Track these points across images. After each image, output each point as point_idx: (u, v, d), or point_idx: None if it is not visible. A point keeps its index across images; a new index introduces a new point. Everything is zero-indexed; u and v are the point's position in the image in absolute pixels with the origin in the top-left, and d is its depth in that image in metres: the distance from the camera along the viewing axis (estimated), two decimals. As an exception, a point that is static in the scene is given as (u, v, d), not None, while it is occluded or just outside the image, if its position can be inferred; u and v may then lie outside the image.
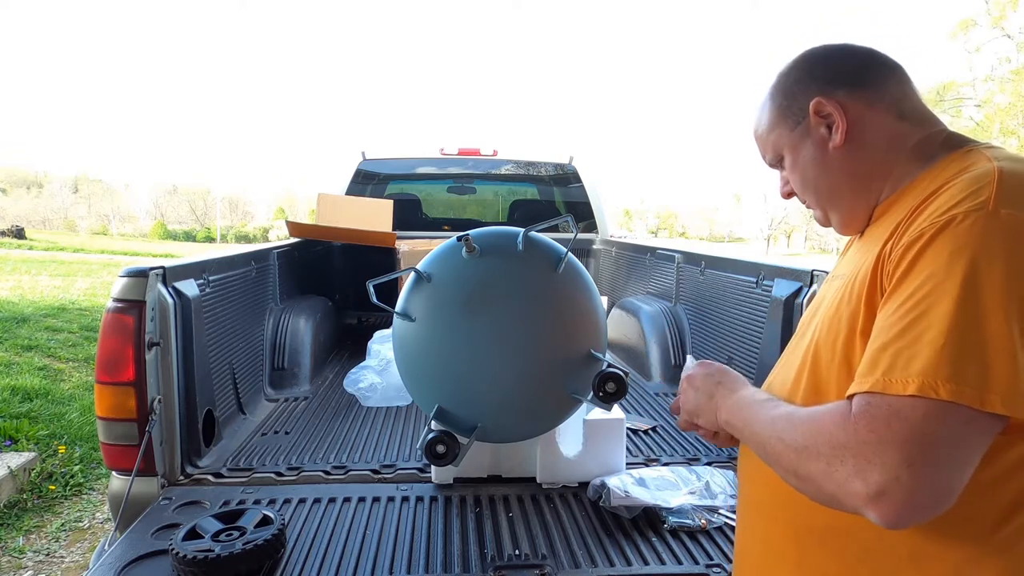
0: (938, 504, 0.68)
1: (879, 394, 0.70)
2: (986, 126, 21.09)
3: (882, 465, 0.67)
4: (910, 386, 0.68)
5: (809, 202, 1.00)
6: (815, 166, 0.95)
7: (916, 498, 0.67)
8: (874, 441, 0.69)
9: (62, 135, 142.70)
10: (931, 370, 0.67)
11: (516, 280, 1.61)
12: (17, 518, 3.27)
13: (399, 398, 2.64)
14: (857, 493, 0.69)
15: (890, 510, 0.67)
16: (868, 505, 0.68)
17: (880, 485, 0.67)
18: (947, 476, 0.67)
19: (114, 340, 1.76)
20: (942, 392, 0.66)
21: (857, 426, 0.71)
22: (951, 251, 0.71)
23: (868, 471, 0.68)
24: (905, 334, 0.71)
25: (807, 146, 0.95)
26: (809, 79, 0.95)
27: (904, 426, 0.67)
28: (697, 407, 1.03)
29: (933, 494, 0.67)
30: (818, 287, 1.93)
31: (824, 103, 0.92)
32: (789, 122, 0.97)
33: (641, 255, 3.61)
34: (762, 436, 0.85)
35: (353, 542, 1.59)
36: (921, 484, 0.66)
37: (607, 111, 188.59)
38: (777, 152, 1.00)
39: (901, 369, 0.69)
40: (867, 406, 0.71)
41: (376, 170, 4.58)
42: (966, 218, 0.72)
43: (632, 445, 2.20)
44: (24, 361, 5.30)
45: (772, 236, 56.99)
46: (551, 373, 1.60)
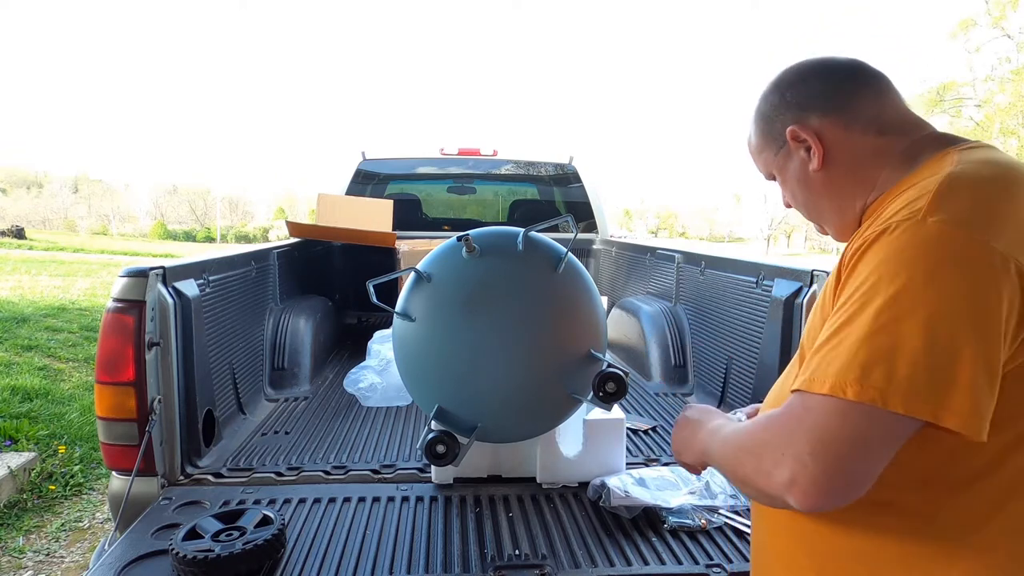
0: (848, 490, 0.72)
1: (800, 393, 0.76)
2: (986, 126, 21.09)
3: (792, 456, 0.73)
4: (824, 386, 0.73)
5: (803, 215, 1.03)
6: (800, 187, 0.98)
7: (822, 485, 0.71)
8: (787, 433, 0.75)
9: (62, 135, 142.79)
10: (843, 372, 0.72)
11: (516, 280, 1.61)
12: (17, 518, 3.27)
13: (399, 398, 2.64)
14: (776, 483, 0.74)
15: (801, 495, 0.72)
16: (785, 492, 0.74)
17: (791, 473, 0.73)
18: (852, 467, 0.72)
19: (114, 340, 1.76)
20: (849, 392, 0.71)
21: (777, 422, 0.77)
22: (879, 260, 0.75)
23: (782, 461, 0.74)
24: (831, 339, 0.76)
25: (791, 168, 0.98)
26: (784, 105, 0.96)
27: (810, 421, 0.73)
28: (677, 448, 1.10)
29: (838, 480, 0.72)
30: (818, 287, 1.93)
31: (798, 131, 0.93)
32: (772, 146, 0.99)
33: (641, 255, 3.61)
34: (718, 456, 0.91)
35: (353, 542, 1.59)
36: (826, 472, 0.71)
37: (607, 111, 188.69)
38: (768, 171, 1.03)
39: (822, 370, 0.75)
40: (788, 404, 0.78)
41: (376, 170, 4.58)
42: (897, 227, 0.75)
43: (632, 445, 2.20)
44: (24, 361, 5.30)
45: (772, 236, 56.97)
46: (551, 373, 1.60)
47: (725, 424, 0.97)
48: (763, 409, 1.05)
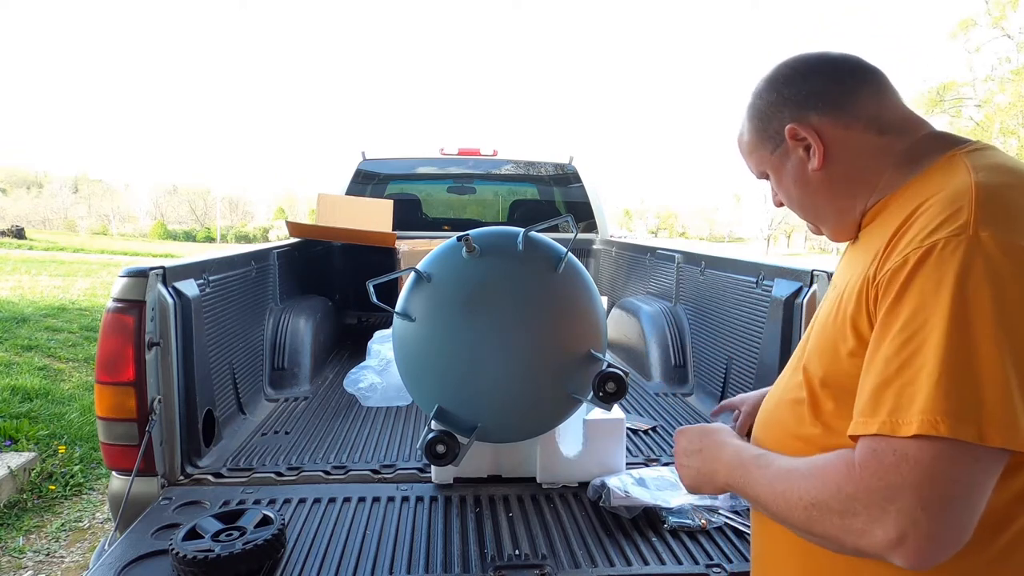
0: (959, 540, 0.67)
1: (883, 437, 0.70)
2: (986, 126, 21.10)
3: (897, 512, 0.67)
4: (912, 427, 0.67)
5: (798, 215, 1.00)
6: (797, 186, 0.95)
7: (936, 538, 0.67)
8: (883, 488, 0.68)
9: (62, 135, 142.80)
10: (929, 407, 0.67)
11: (516, 280, 1.61)
12: (17, 518, 3.27)
13: (399, 398, 2.64)
14: (878, 543, 0.69)
15: (913, 554, 0.67)
16: (891, 552, 0.68)
17: (899, 531, 0.67)
18: (961, 512, 0.67)
19: (114, 340, 1.76)
20: (942, 429, 0.66)
21: (864, 474, 0.70)
22: (937, 280, 0.71)
23: (883, 519, 0.68)
24: (903, 371, 0.70)
25: (788, 167, 0.95)
26: (781, 101, 0.93)
27: (913, 469, 0.67)
28: (695, 483, 1.02)
29: (952, 531, 0.67)
30: (818, 287, 1.93)
31: (798, 129, 0.91)
32: (768, 144, 0.96)
33: (641, 255, 3.61)
34: (765, 500, 0.84)
35: (353, 542, 1.59)
36: (939, 524, 0.66)
37: (607, 111, 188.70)
38: (761, 170, 1.01)
39: (904, 409, 0.69)
40: (871, 452, 0.70)
41: (376, 170, 4.58)
42: (948, 244, 0.72)
43: (632, 445, 2.20)
44: (24, 361, 5.30)
45: (772, 236, 56.97)
46: (551, 373, 1.60)
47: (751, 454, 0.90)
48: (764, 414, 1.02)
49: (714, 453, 0.97)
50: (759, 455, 0.89)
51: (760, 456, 0.89)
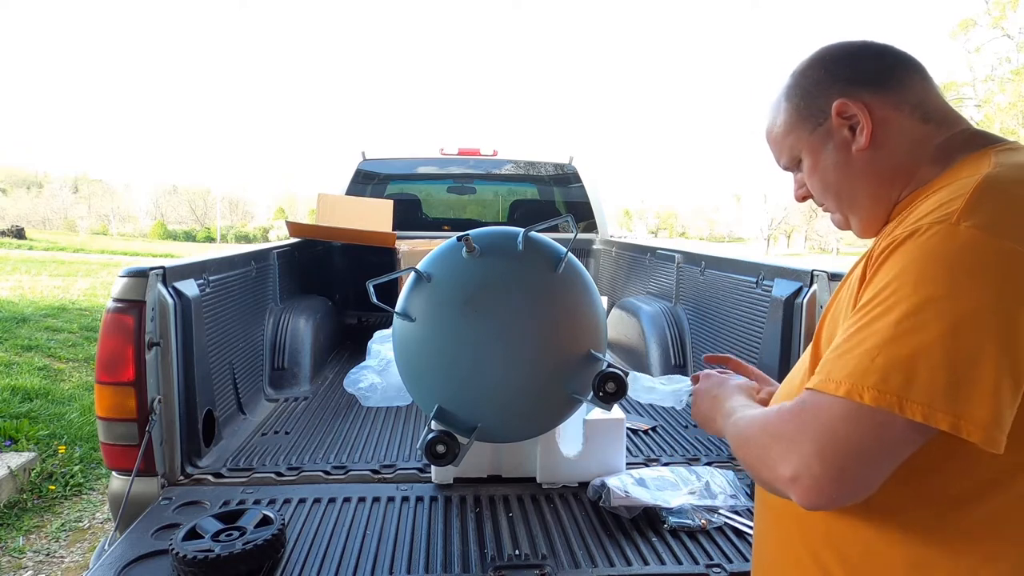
0: (851, 494, 0.73)
1: (813, 391, 0.76)
2: (986, 126, 21.10)
3: (798, 454, 0.74)
4: (840, 388, 0.73)
5: (828, 206, 0.97)
6: (837, 169, 0.92)
7: (824, 487, 0.73)
8: (792, 431, 0.76)
9: (62, 135, 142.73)
10: (861, 375, 0.71)
11: (516, 280, 1.61)
12: (17, 518, 3.27)
13: (399, 398, 2.63)
14: (780, 476, 0.76)
15: (803, 493, 0.74)
16: (788, 487, 0.75)
17: (795, 470, 0.74)
18: (857, 472, 0.72)
19: (114, 340, 1.76)
20: (866, 397, 0.71)
21: (785, 416, 0.79)
22: (907, 262, 0.73)
23: (788, 456, 0.75)
24: (850, 339, 0.75)
25: (828, 149, 0.92)
26: (830, 79, 0.91)
27: (820, 422, 0.74)
28: (703, 419, 1.13)
29: (843, 485, 0.72)
30: (818, 287, 1.93)
31: (848, 104, 0.88)
32: (808, 124, 0.93)
33: (641, 255, 3.61)
34: (731, 438, 0.94)
35: (353, 542, 1.59)
36: (829, 475, 0.72)
37: (607, 111, 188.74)
38: (794, 155, 0.97)
39: (836, 371, 0.74)
40: (801, 401, 0.78)
41: (376, 170, 4.59)
42: (928, 229, 0.73)
43: (632, 445, 2.20)
44: (24, 361, 5.30)
45: (772, 236, 56.99)
46: (551, 373, 1.60)
47: (740, 408, 0.98)
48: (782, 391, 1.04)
49: (721, 401, 1.07)
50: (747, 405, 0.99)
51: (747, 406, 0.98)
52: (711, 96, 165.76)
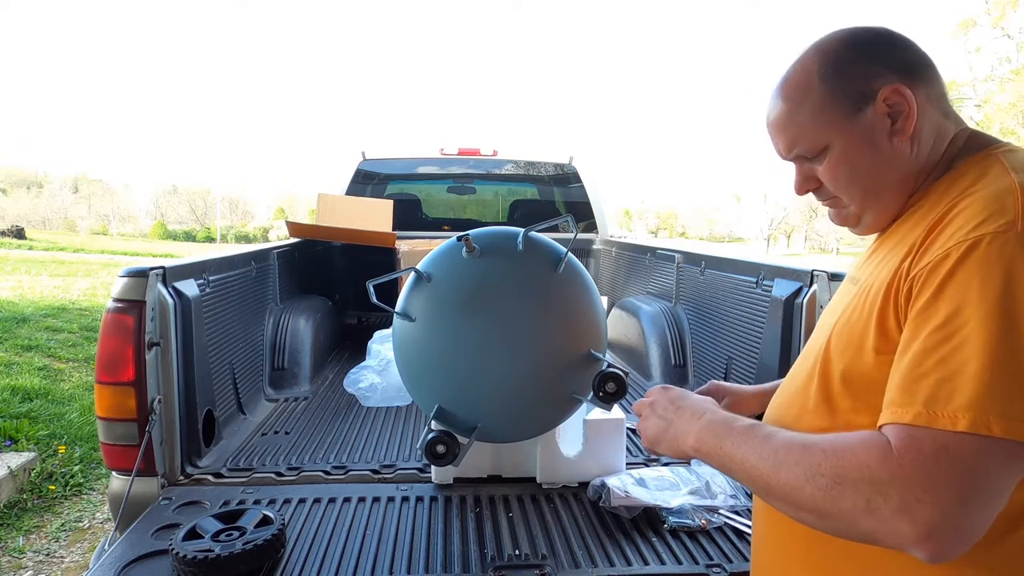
0: (981, 535, 0.67)
1: (923, 428, 0.68)
2: (986, 126, 21.09)
3: (933, 503, 0.65)
4: (960, 422, 0.66)
5: (848, 197, 0.92)
6: (871, 158, 0.88)
7: (964, 535, 0.66)
8: (923, 477, 0.66)
9: (62, 135, 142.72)
10: (979, 405, 0.66)
11: (516, 280, 1.61)
12: (17, 518, 3.27)
13: (399, 398, 2.63)
14: (903, 532, 0.67)
15: (939, 547, 0.66)
16: (916, 543, 0.67)
17: (931, 523, 0.65)
18: (990, 509, 0.67)
19: (114, 340, 1.76)
20: (995, 429, 0.65)
21: (902, 460, 0.68)
22: (982, 276, 0.69)
23: (917, 509, 0.66)
24: (942, 365, 0.69)
25: (865, 135, 0.87)
26: (870, 61, 0.87)
27: (956, 463, 0.66)
28: (656, 434, 0.99)
29: (980, 528, 0.67)
30: (818, 287, 1.93)
31: (901, 90, 0.85)
32: (846, 107, 0.87)
33: (641, 255, 3.60)
34: (759, 467, 0.80)
35: (353, 542, 1.59)
36: (970, 520, 0.66)
37: (607, 111, 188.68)
38: (818, 141, 0.90)
39: (944, 402, 0.67)
40: (911, 440, 0.68)
41: (376, 170, 4.59)
42: (994, 240, 0.71)
43: (632, 445, 2.20)
44: (24, 361, 5.30)
45: (772, 236, 56.98)
46: (551, 373, 1.60)
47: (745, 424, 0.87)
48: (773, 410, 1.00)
49: (693, 416, 0.94)
50: (756, 424, 0.86)
51: (758, 425, 0.86)
52: (711, 96, 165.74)
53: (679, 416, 0.96)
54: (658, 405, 1.01)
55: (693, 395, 1.00)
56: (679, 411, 0.97)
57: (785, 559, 0.95)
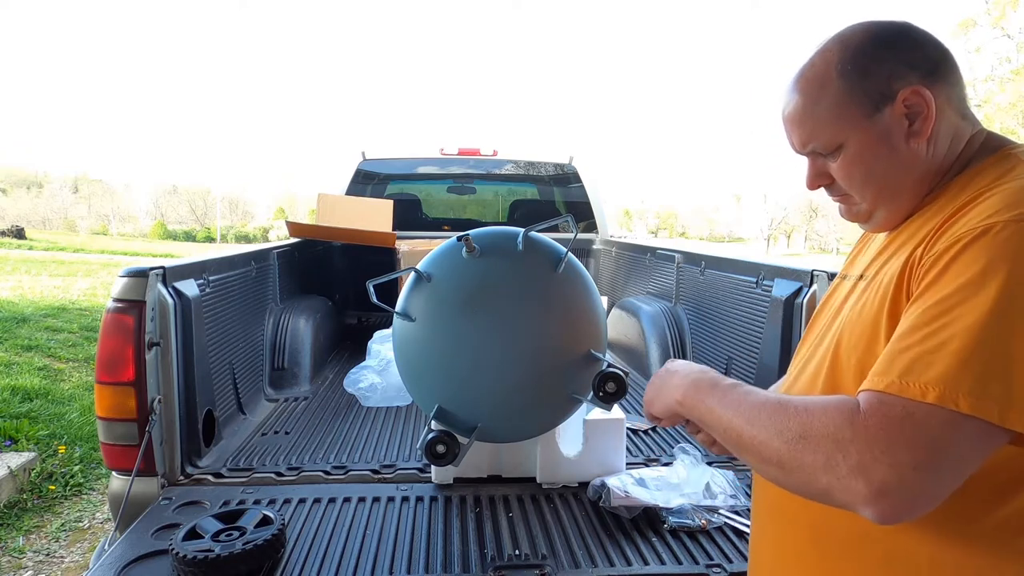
0: (930, 506, 0.68)
1: (894, 395, 0.69)
2: (986, 126, 21.02)
3: (889, 464, 0.67)
4: (929, 394, 0.67)
5: (862, 197, 0.90)
6: (887, 159, 0.86)
7: (916, 500, 0.67)
8: (884, 438, 0.68)
9: (62, 135, 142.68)
10: (952, 381, 0.67)
11: (516, 280, 1.61)
12: (17, 518, 3.27)
13: (399, 398, 2.63)
14: (857, 489, 0.68)
15: (890, 509, 0.68)
16: (867, 502, 0.68)
17: (884, 483, 0.67)
18: (946, 481, 0.68)
19: (114, 340, 1.76)
20: (962, 405, 0.66)
21: (868, 423, 0.69)
22: (987, 261, 0.70)
23: (873, 468, 0.67)
24: (928, 339, 0.70)
25: (882, 136, 0.86)
26: (892, 61, 0.85)
27: (918, 430, 0.67)
28: (651, 396, 1.02)
29: (931, 497, 0.68)
30: (818, 287, 1.93)
31: (922, 91, 0.83)
32: (865, 106, 0.85)
33: (641, 255, 3.60)
34: (735, 421, 0.82)
35: (353, 542, 1.59)
36: (924, 487, 0.67)
37: (607, 111, 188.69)
38: (835, 139, 0.88)
39: (919, 373, 0.68)
40: (880, 404, 0.70)
41: (376, 170, 4.59)
42: (1005, 228, 0.71)
43: (632, 445, 2.20)
44: (24, 361, 5.30)
45: (772, 236, 56.98)
46: (551, 373, 1.60)
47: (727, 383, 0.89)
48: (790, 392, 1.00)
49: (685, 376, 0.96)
50: (738, 384, 0.88)
51: (740, 385, 0.88)
52: (711, 96, 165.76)
53: (671, 376, 0.99)
54: (659, 372, 1.04)
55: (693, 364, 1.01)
56: (673, 373, 0.99)
57: (784, 558, 0.95)
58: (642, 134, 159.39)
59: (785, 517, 0.94)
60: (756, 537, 1.05)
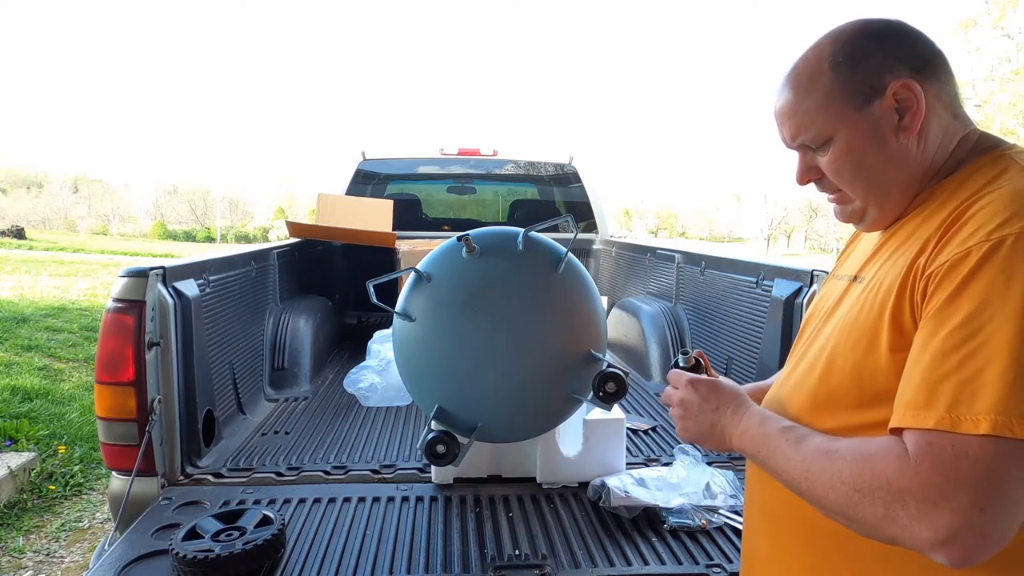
0: (1006, 539, 0.66)
1: (943, 432, 0.67)
2: (986, 126, 21.07)
3: (952, 509, 0.65)
4: (982, 424, 0.65)
5: (852, 192, 0.90)
6: (876, 153, 0.86)
7: (988, 538, 0.65)
8: (940, 483, 0.66)
9: (62, 135, 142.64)
10: (1002, 407, 0.65)
11: (516, 280, 1.61)
12: (17, 518, 3.27)
13: (399, 398, 2.64)
14: (923, 538, 0.67)
15: (961, 552, 0.66)
16: (936, 549, 0.66)
17: (951, 529, 0.65)
18: (1015, 512, 0.66)
19: (114, 340, 1.76)
20: (1017, 430, 0.64)
21: (919, 468, 0.68)
22: (1007, 276, 0.69)
23: (935, 515, 0.66)
24: (965, 365, 0.68)
25: (871, 129, 0.85)
26: (882, 55, 0.85)
27: (974, 467, 0.65)
28: (699, 435, 0.99)
29: (1003, 532, 0.66)
30: (818, 287, 1.93)
31: (912, 86, 0.83)
32: (855, 99, 0.85)
33: (641, 255, 3.61)
34: (794, 474, 0.81)
35: (353, 542, 1.59)
36: (993, 524, 0.65)
37: (607, 111, 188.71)
38: (824, 132, 0.87)
39: (966, 404, 0.67)
40: (929, 446, 0.68)
41: (376, 170, 4.59)
42: (1018, 240, 0.70)
43: (632, 445, 2.20)
44: (24, 361, 5.30)
45: (772, 236, 56.97)
46: (551, 373, 1.60)
47: (780, 425, 0.87)
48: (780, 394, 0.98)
49: (734, 414, 0.94)
50: (789, 427, 0.86)
51: (790, 428, 0.85)
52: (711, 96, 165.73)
53: (719, 416, 0.96)
54: (691, 405, 0.99)
55: (724, 388, 0.98)
56: (717, 411, 0.96)
57: (778, 556, 0.95)
58: (642, 134, 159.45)
59: (777, 514, 0.94)
60: (749, 535, 1.05)
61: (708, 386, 0.99)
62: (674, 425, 1.03)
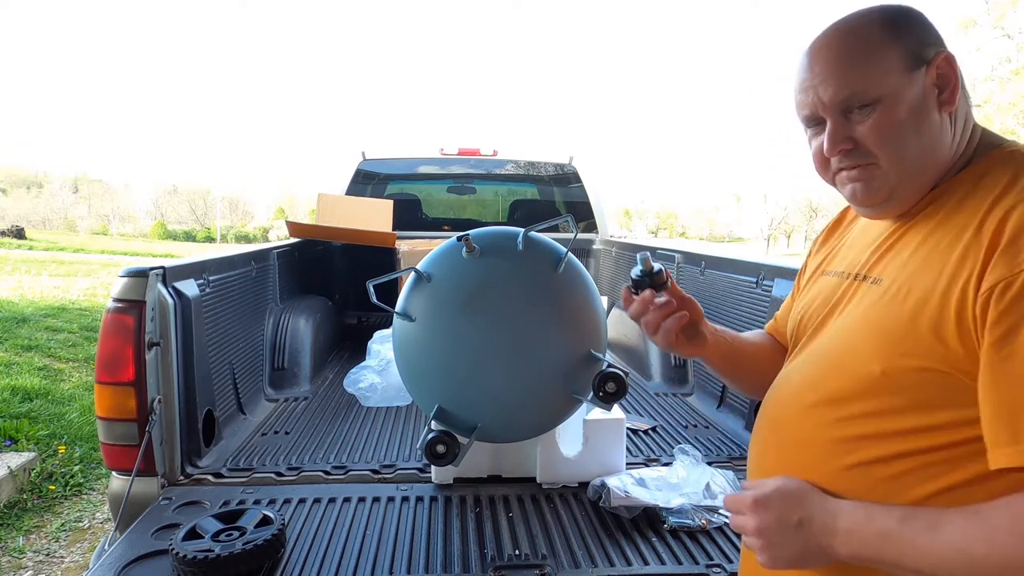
0: None
1: None
2: (986, 126, 21.01)
3: None
4: None
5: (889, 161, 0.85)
6: (919, 123, 0.84)
7: None
8: None
9: (62, 135, 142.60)
10: None
11: (516, 280, 1.61)
12: (17, 518, 3.27)
13: (399, 398, 2.63)
14: None
15: None
16: None
17: None
18: None
19: (114, 340, 1.76)
20: None
21: None
22: None
23: None
24: None
25: (919, 96, 0.83)
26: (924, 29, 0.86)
27: None
28: (792, 560, 0.83)
29: None
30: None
31: (952, 60, 0.83)
32: (904, 62, 0.83)
33: (641, 255, 3.60)
34: (952, 564, 0.72)
35: (353, 542, 1.59)
36: None
37: (607, 111, 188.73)
38: (874, 89, 0.83)
39: None
40: None
41: (376, 170, 4.59)
42: None
43: (632, 445, 2.20)
44: (24, 361, 5.30)
45: (772, 236, 56.97)
46: (551, 373, 1.60)
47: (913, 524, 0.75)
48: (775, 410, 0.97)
49: (823, 521, 0.81)
50: (907, 515, 0.76)
51: (910, 517, 0.76)
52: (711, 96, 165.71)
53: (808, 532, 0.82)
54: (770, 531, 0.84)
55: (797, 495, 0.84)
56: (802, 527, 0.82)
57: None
58: (642, 134, 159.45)
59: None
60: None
61: (780, 499, 0.84)
62: (758, 558, 0.86)
